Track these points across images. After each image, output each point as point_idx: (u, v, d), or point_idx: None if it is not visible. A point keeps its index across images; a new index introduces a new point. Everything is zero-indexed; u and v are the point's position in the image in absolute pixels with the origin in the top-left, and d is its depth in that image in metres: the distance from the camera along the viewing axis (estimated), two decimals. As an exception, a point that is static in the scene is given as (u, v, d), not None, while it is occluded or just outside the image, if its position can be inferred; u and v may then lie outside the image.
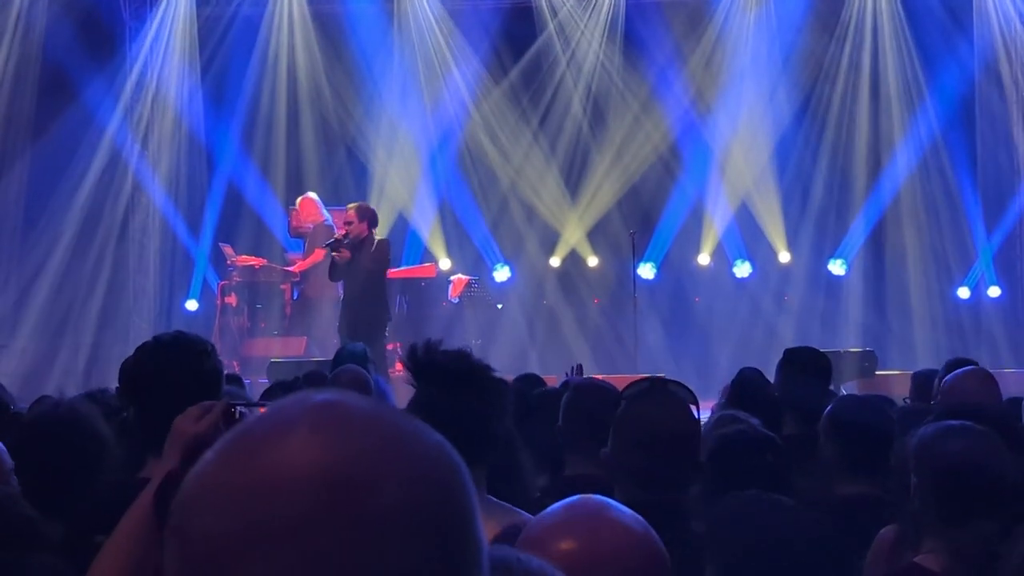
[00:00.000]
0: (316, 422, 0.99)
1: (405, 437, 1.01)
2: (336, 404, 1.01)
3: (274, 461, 0.97)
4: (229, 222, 15.83)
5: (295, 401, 1.02)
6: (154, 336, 3.34)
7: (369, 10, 16.14)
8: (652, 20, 16.02)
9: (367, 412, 1.01)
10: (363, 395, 1.05)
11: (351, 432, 0.99)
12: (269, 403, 2.90)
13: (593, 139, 16.12)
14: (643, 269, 15.57)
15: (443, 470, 1.01)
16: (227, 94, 16.05)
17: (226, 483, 0.97)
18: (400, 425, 1.02)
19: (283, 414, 1.01)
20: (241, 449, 0.99)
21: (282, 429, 0.99)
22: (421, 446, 1.01)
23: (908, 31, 15.63)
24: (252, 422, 1.02)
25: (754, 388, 5.49)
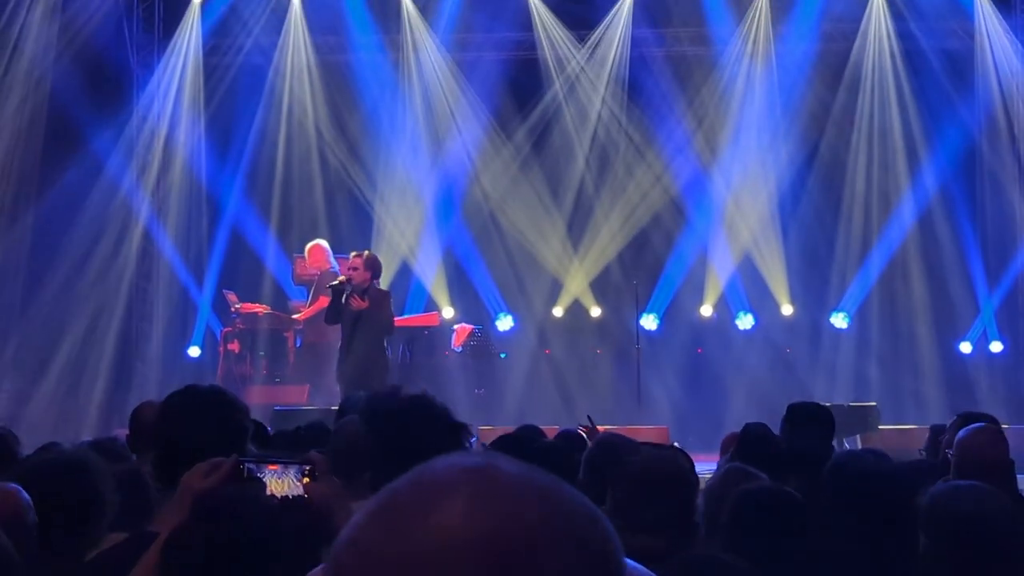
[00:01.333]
0: (474, 487, 0.98)
1: (562, 502, 1.00)
2: (491, 468, 1.01)
3: (436, 528, 0.96)
4: (233, 269, 15.86)
5: (446, 465, 1.01)
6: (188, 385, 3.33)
7: (376, 59, 16.26)
8: (657, 72, 16.13)
9: (522, 476, 1.01)
10: (513, 458, 1.04)
11: (511, 497, 0.98)
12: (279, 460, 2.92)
13: (597, 190, 16.19)
14: (646, 320, 15.59)
15: (599, 535, 1.01)
16: (233, 142, 16.14)
17: (387, 551, 0.96)
18: (556, 490, 1.01)
19: (436, 478, 1.00)
20: (398, 515, 0.98)
21: (439, 494, 0.98)
22: (577, 511, 1.01)
23: (911, 84, 15.75)
24: (402, 487, 1.00)
25: (761, 443, 5.49)
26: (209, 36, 16.16)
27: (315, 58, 16.25)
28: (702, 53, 16.20)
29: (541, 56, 16.20)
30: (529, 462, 3.45)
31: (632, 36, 16.12)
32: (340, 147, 16.26)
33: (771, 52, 15.97)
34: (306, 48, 16.22)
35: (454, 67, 16.25)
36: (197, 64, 16.13)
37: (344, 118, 16.28)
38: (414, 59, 16.24)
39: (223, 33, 16.14)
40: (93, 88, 15.25)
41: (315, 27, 16.22)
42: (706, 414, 14.61)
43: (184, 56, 16.07)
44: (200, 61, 16.14)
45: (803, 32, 15.92)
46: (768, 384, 15.08)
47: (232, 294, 14.96)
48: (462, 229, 16.17)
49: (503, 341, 15.94)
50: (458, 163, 16.25)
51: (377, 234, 15.92)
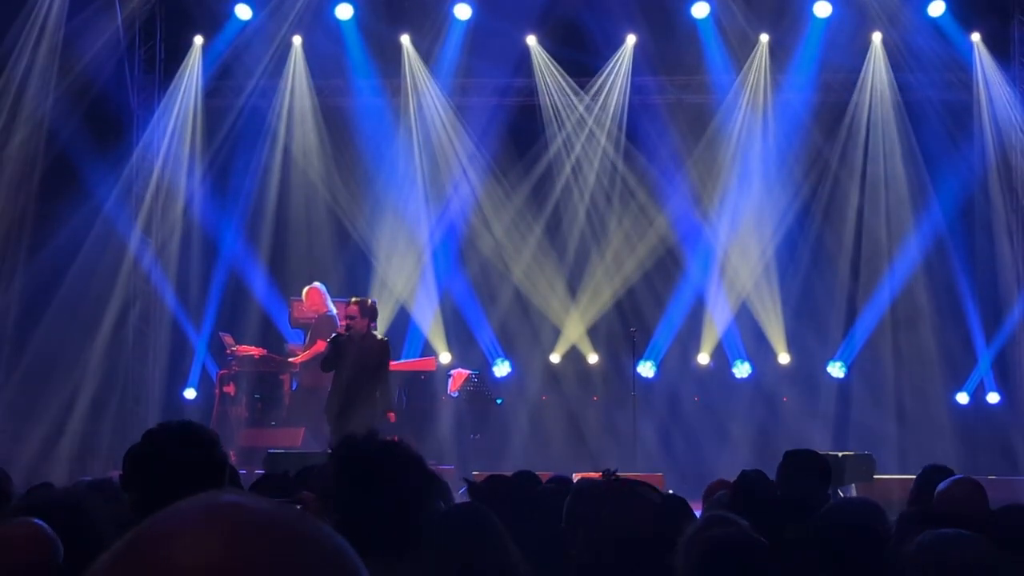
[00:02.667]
0: (210, 523, 0.99)
1: (301, 542, 0.99)
2: (234, 505, 1.01)
3: (163, 560, 0.96)
4: (230, 311, 15.85)
5: (195, 501, 1.02)
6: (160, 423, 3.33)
7: (376, 103, 16.33)
8: (655, 120, 16.20)
9: (266, 516, 1.00)
10: (269, 498, 1.04)
11: (244, 535, 0.98)
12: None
13: (595, 237, 16.22)
14: (643, 367, 15.59)
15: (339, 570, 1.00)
16: (232, 184, 16.17)
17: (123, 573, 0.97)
18: (299, 529, 1.00)
19: (180, 513, 1.01)
20: (138, 547, 0.99)
21: (177, 527, 0.99)
22: (318, 552, 1.00)
23: (910, 134, 15.82)
24: (154, 519, 1.01)
25: (757, 490, 5.47)
26: (210, 78, 16.22)
27: (316, 101, 16.31)
28: (702, 101, 16.28)
29: (541, 102, 16.27)
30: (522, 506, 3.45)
31: (632, 83, 16.20)
32: (339, 190, 16.29)
33: (770, 101, 16.06)
34: (307, 91, 16.29)
35: (454, 112, 16.32)
36: (197, 106, 16.18)
37: (344, 161, 16.33)
38: (414, 103, 16.31)
39: (224, 75, 16.20)
40: (93, 128, 15.30)
41: (316, 71, 16.29)
42: (702, 462, 14.58)
43: (185, 97, 16.12)
44: (200, 103, 16.20)
45: (802, 82, 16.01)
46: (764, 433, 15.07)
47: (228, 336, 14.95)
48: (460, 274, 16.19)
49: (500, 387, 15.92)
50: (457, 208, 16.29)
51: (375, 278, 15.94)
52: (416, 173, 16.26)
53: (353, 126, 16.34)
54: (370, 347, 12.04)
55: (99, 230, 15.47)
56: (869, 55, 15.95)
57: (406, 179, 16.23)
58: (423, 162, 16.29)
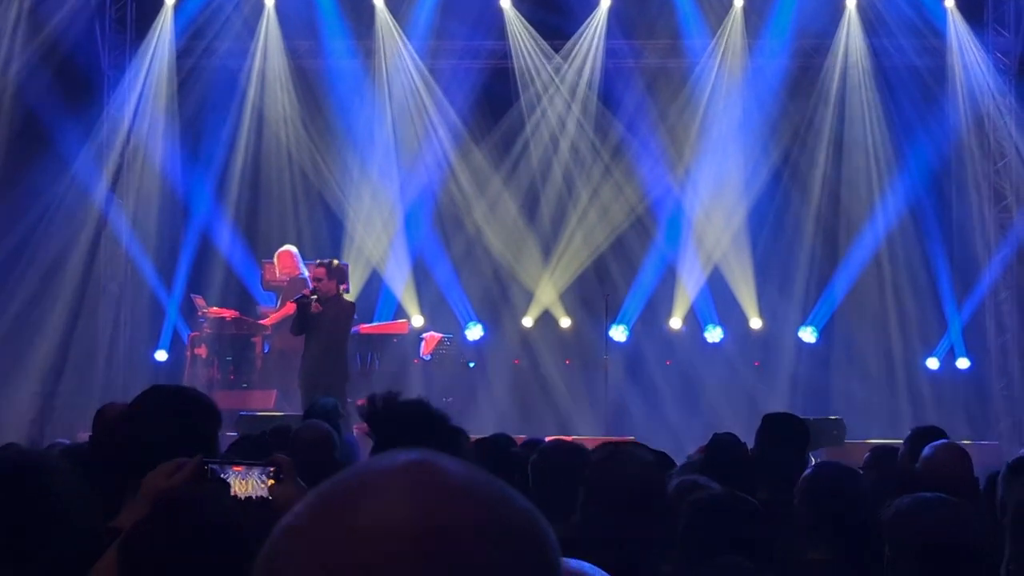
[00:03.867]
0: (412, 481, 0.99)
1: (499, 501, 1.01)
2: (430, 464, 1.01)
3: (372, 518, 0.96)
4: (201, 273, 15.78)
5: (386, 459, 1.02)
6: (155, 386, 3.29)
7: (349, 66, 16.22)
8: (630, 84, 16.16)
9: (461, 474, 1.02)
10: (454, 457, 1.04)
11: (447, 493, 0.99)
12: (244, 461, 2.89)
13: (569, 201, 16.20)
14: (615, 331, 15.60)
15: (534, 536, 1.01)
16: (204, 145, 16.05)
17: (322, 533, 0.97)
18: (493, 488, 1.02)
19: (375, 471, 1.01)
20: (338, 499, 0.99)
21: (377, 486, 0.99)
22: (514, 511, 1.01)
23: (883, 99, 15.83)
24: (344, 477, 1.01)
25: (729, 452, 5.48)
26: (182, 38, 16.06)
27: (288, 63, 16.19)
28: (675, 65, 16.25)
29: (515, 65, 16.20)
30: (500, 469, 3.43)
31: (606, 47, 16.14)
32: (312, 152, 16.21)
33: (744, 66, 16.03)
34: (279, 52, 16.15)
35: (427, 74, 16.23)
36: (169, 66, 16.03)
37: (316, 123, 16.23)
38: (387, 66, 16.21)
39: (196, 35, 16.04)
40: (63, 88, 15.15)
41: (288, 32, 16.16)
42: (673, 425, 14.63)
43: (156, 58, 15.97)
44: (173, 63, 16.05)
45: (776, 47, 15.99)
46: (735, 397, 15.13)
47: (200, 298, 14.88)
48: (433, 237, 16.15)
49: (472, 350, 15.92)
50: (430, 171, 16.23)
51: (348, 240, 15.88)
52: (389, 136, 16.18)
53: (326, 88, 16.23)
54: (338, 309, 12.04)
55: (69, 190, 15.35)
56: (843, 20, 15.93)
57: (379, 142, 16.15)
58: (396, 125, 16.21)
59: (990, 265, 15.44)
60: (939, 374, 15.63)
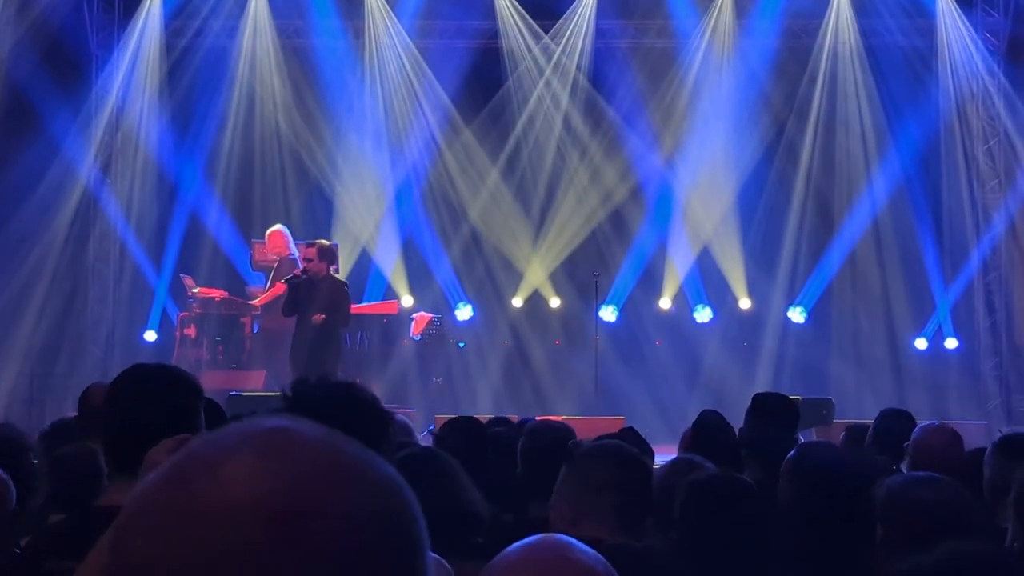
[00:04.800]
0: (262, 447, 0.95)
1: (355, 467, 0.97)
2: (284, 430, 0.97)
3: (217, 485, 0.93)
4: (191, 253, 15.76)
5: (244, 425, 0.98)
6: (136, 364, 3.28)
7: (338, 45, 16.18)
8: (619, 64, 16.14)
9: (316, 439, 0.97)
10: (315, 423, 1.00)
11: (297, 459, 0.95)
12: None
13: (558, 181, 16.19)
14: (605, 311, 15.61)
15: (393, 504, 0.98)
16: (193, 125, 16.01)
17: (167, 506, 0.94)
18: (350, 454, 0.98)
19: (230, 438, 0.97)
20: (184, 471, 0.95)
21: (227, 453, 0.95)
22: (372, 477, 0.97)
23: (873, 80, 15.83)
24: (198, 444, 0.98)
25: (715, 431, 5.49)
26: (170, 18, 16.01)
27: (277, 42, 16.14)
28: (666, 46, 16.23)
29: (505, 45, 16.17)
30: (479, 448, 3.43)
31: (596, 27, 16.11)
32: (301, 132, 16.17)
33: (734, 46, 16.01)
34: (268, 32, 16.10)
35: (417, 54, 16.19)
36: (158, 46, 15.98)
37: (306, 103, 16.19)
38: (376, 45, 16.17)
39: (185, 15, 15.99)
40: (51, 68, 15.09)
41: (277, 11, 16.11)
42: (663, 405, 14.67)
43: (145, 38, 15.92)
44: (161, 43, 16.00)
45: (766, 27, 15.97)
46: (724, 377, 15.16)
47: (189, 278, 14.85)
48: (423, 217, 16.13)
49: (462, 330, 15.93)
50: (420, 151, 16.20)
51: (337, 220, 15.86)
52: (378, 115, 16.15)
53: (315, 67, 16.19)
54: (328, 290, 12.07)
55: (57, 171, 15.32)
56: (832, 1, 15.91)
57: (368, 121, 16.11)
58: (385, 104, 16.18)
59: (979, 245, 15.47)
60: (927, 354, 15.67)
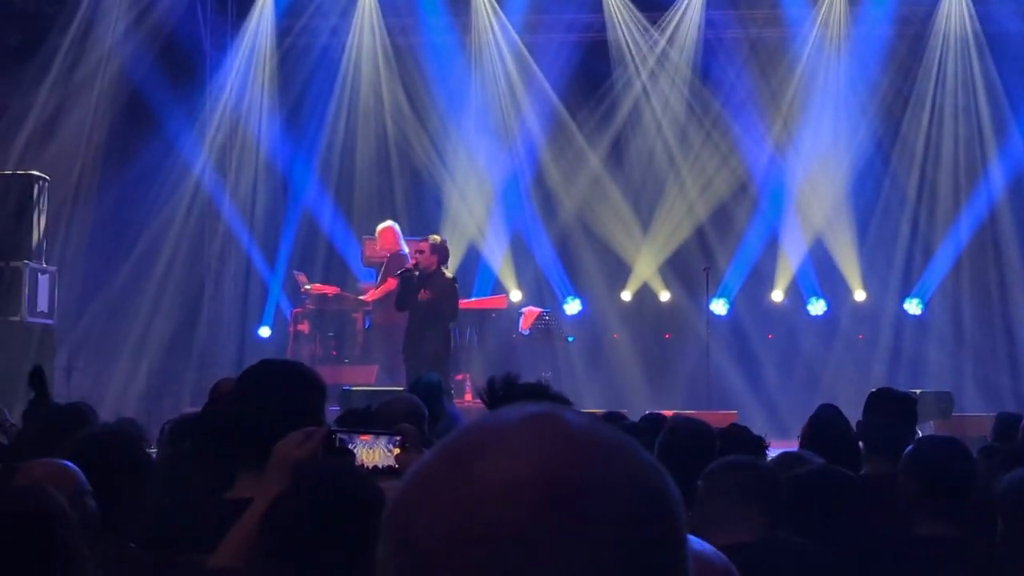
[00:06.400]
0: (534, 428, 1.01)
1: (622, 449, 1.02)
2: (556, 415, 1.03)
3: (498, 465, 0.99)
4: (304, 250, 15.97)
5: (511, 412, 1.04)
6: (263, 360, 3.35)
7: (447, 42, 16.27)
8: (729, 54, 16.00)
9: (584, 424, 1.03)
10: (574, 410, 1.06)
11: (569, 442, 1.00)
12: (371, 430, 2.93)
13: (667, 173, 16.09)
14: (716, 305, 15.48)
15: (659, 484, 1.02)
16: (306, 123, 16.23)
17: (450, 485, 0.99)
18: (616, 439, 1.03)
19: (500, 422, 1.03)
20: (465, 452, 1.01)
21: (501, 434, 1.01)
22: (637, 459, 1.03)
23: (989, 66, 15.48)
24: (471, 427, 1.04)
25: (832, 426, 5.44)
26: (282, 18, 16.25)
27: (387, 40, 16.28)
28: (776, 35, 16.05)
29: (612, 38, 16.13)
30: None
31: (705, 18, 15.98)
32: (410, 129, 16.30)
33: (846, 34, 15.78)
34: (377, 30, 16.26)
35: (524, 49, 16.22)
36: (270, 45, 16.24)
37: (415, 100, 16.32)
38: (484, 41, 16.23)
39: (296, 14, 16.22)
40: (167, 69, 15.40)
41: (387, 9, 16.25)
42: (775, 399, 14.53)
43: (257, 37, 16.18)
44: (273, 42, 16.25)
45: (879, 14, 15.71)
46: (838, 370, 14.96)
47: (302, 275, 15.06)
48: (531, 212, 16.15)
49: (571, 325, 15.91)
50: (528, 146, 16.23)
51: (446, 216, 15.95)
52: (485, 111, 16.21)
53: (424, 65, 16.30)
54: (438, 285, 12.16)
55: (174, 169, 15.62)
56: (947, -14, 15.61)
57: (476, 117, 16.18)
58: (492, 100, 16.23)
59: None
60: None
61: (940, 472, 4.01)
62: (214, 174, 16.01)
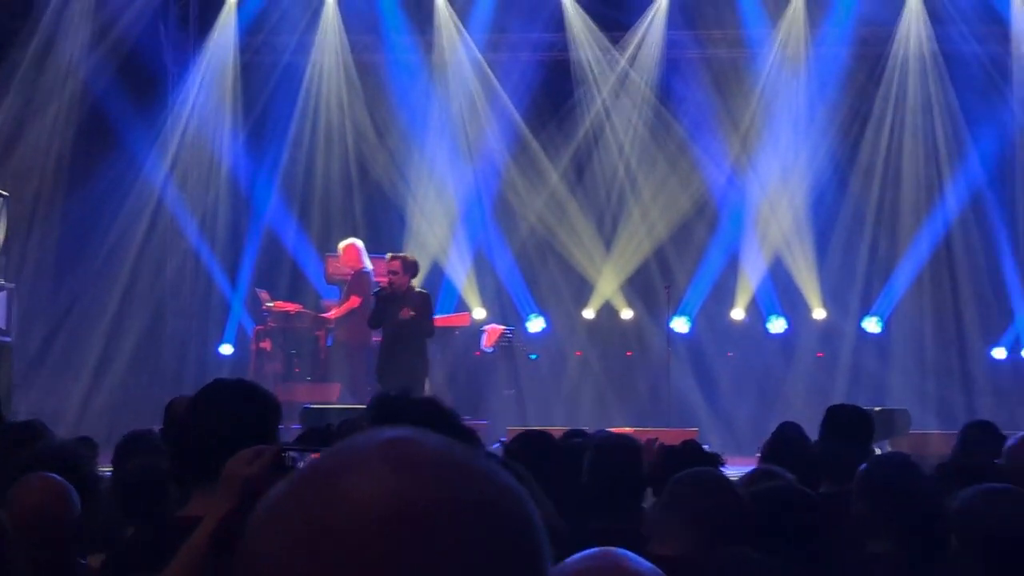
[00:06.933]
0: (388, 455, 0.99)
1: (478, 475, 1.00)
2: (409, 439, 1.02)
3: (347, 492, 0.97)
4: (266, 268, 15.93)
5: (367, 436, 1.03)
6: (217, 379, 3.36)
7: (410, 59, 16.30)
8: (690, 74, 16.11)
9: (440, 448, 1.01)
10: (438, 434, 1.04)
11: (423, 466, 0.99)
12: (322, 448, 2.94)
13: (629, 191, 16.16)
14: (677, 322, 15.55)
15: (515, 510, 1.00)
16: (268, 140, 16.20)
17: (300, 512, 0.98)
18: (473, 463, 1.01)
19: (356, 447, 1.01)
20: (315, 479, 1.00)
21: (355, 461, 1.00)
22: (494, 485, 1.01)
23: (947, 87, 15.65)
24: (326, 455, 1.03)
25: (793, 444, 5.48)
26: (244, 34, 16.23)
27: (350, 57, 16.30)
28: (737, 55, 16.17)
29: (574, 57, 16.20)
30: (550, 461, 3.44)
31: (667, 38, 16.09)
32: (373, 146, 16.30)
33: (806, 55, 15.92)
34: (341, 47, 16.27)
35: (487, 67, 16.26)
36: (232, 62, 16.21)
37: (378, 117, 16.32)
38: (447, 59, 16.27)
39: (258, 31, 16.21)
40: (128, 86, 15.35)
41: (350, 27, 16.27)
42: (736, 417, 14.60)
43: (219, 54, 16.15)
44: (236, 59, 16.22)
45: (838, 35, 15.86)
46: (799, 388, 15.05)
47: (264, 292, 15.00)
48: (494, 230, 16.18)
49: (534, 342, 15.94)
50: (491, 164, 16.27)
51: (409, 234, 15.95)
52: (449, 129, 16.24)
53: (387, 82, 16.32)
54: (414, 302, 12.19)
55: (135, 186, 15.57)
56: (906, 8, 15.78)
57: (439, 135, 16.20)
58: (455, 118, 16.26)
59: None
60: (1006, 363, 15.44)
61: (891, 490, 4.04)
62: (176, 190, 15.95)
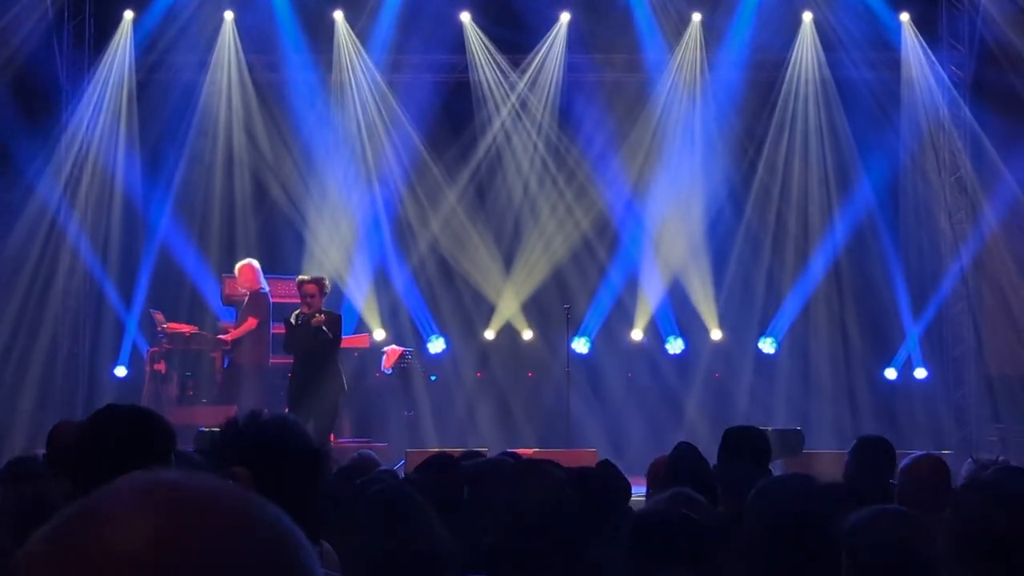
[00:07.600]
0: (146, 503, 0.96)
1: (235, 517, 0.97)
2: (173, 484, 0.98)
3: (100, 538, 0.94)
4: (161, 288, 15.70)
5: (134, 479, 0.99)
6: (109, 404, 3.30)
7: (308, 79, 16.22)
8: (589, 98, 16.23)
9: (206, 495, 0.97)
10: (207, 475, 1.00)
11: (181, 517, 0.95)
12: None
13: (530, 214, 16.23)
14: (577, 343, 15.64)
15: (273, 554, 0.97)
16: (163, 159, 15.99)
17: (53, 558, 0.94)
18: (241, 510, 0.97)
19: (116, 493, 0.98)
20: (72, 524, 0.96)
21: (111, 508, 0.96)
22: (254, 527, 0.97)
23: (838, 113, 15.97)
24: (88, 499, 0.98)
25: (689, 463, 5.52)
26: (141, 52, 16.01)
27: (247, 76, 16.17)
28: (635, 80, 16.34)
29: (474, 79, 16.25)
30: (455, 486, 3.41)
31: (566, 61, 16.21)
32: (271, 166, 16.18)
33: (703, 79, 16.14)
34: (238, 66, 16.13)
35: (386, 88, 16.24)
36: (128, 81, 15.98)
37: (276, 137, 16.20)
38: (346, 79, 16.22)
39: (155, 49, 16.00)
40: (21, 104, 15.07)
41: (248, 45, 16.14)
42: (635, 437, 14.70)
43: (115, 73, 15.91)
44: (131, 78, 15.99)
45: (734, 60, 16.10)
46: (697, 408, 15.21)
47: (159, 314, 14.80)
48: (395, 251, 16.14)
49: (434, 363, 15.92)
50: (391, 185, 16.23)
51: (307, 254, 15.84)
52: (349, 149, 16.18)
53: (285, 102, 16.21)
54: (329, 320, 12.13)
55: (27, 205, 15.27)
56: (799, 35, 16.08)
57: (339, 155, 16.14)
58: (355, 138, 16.21)
59: (946, 276, 15.59)
60: (897, 384, 15.75)
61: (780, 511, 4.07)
62: (70, 211, 15.67)
